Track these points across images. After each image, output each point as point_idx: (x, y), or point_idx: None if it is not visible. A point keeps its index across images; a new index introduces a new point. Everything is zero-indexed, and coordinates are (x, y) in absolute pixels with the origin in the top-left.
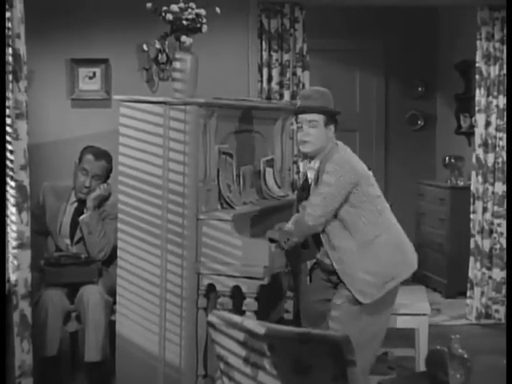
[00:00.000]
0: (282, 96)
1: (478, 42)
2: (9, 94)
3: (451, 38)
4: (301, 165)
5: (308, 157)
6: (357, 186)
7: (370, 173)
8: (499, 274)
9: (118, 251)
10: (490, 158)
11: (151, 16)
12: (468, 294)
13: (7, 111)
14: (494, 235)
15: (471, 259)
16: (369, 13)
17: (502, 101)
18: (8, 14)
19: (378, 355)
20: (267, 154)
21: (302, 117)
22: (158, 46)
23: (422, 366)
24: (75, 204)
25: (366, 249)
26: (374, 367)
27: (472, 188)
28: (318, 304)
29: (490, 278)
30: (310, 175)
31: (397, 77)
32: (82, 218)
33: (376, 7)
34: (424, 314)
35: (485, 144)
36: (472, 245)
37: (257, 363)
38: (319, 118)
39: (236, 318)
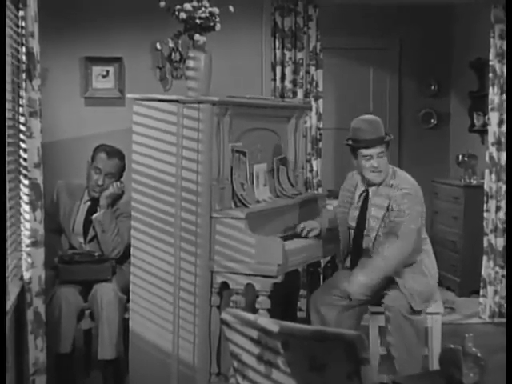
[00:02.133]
0: (295, 94)
1: (491, 40)
2: (22, 93)
3: (466, 36)
4: (314, 163)
5: (373, 184)
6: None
7: None
8: None
9: (132, 249)
10: (504, 156)
11: (164, 15)
12: (481, 292)
13: (21, 109)
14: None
15: (484, 258)
16: (383, 11)
17: (506, 99)
18: (22, 13)
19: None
20: (281, 152)
21: (370, 150)
22: (171, 44)
23: (435, 365)
24: (89, 202)
25: (414, 267)
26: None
27: (485, 186)
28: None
29: (503, 276)
30: (377, 201)
31: (410, 75)
32: (95, 216)
33: (391, 5)
34: (437, 313)
35: (498, 142)
36: (485, 243)
37: (270, 361)
38: (383, 149)
39: (249, 316)
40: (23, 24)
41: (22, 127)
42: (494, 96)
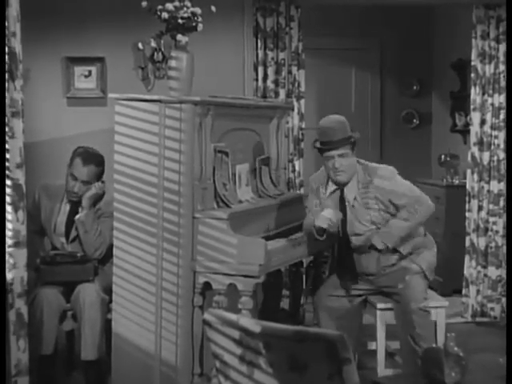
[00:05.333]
0: (277, 94)
1: (473, 41)
2: (5, 93)
3: (447, 37)
4: (296, 163)
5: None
6: None
7: None
8: (494, 272)
9: (114, 250)
10: (486, 156)
11: (147, 14)
12: (463, 292)
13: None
14: (490, 233)
15: (466, 257)
16: (365, 11)
17: (497, 99)
18: None
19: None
20: (263, 152)
21: (332, 152)
22: (153, 44)
23: None
24: (70, 203)
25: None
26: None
27: (467, 186)
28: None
29: (485, 276)
30: (349, 197)
31: (392, 75)
32: (77, 216)
33: (372, 6)
34: (441, 307)
35: (480, 142)
36: (467, 243)
37: (252, 361)
38: (347, 149)
39: (231, 316)
40: (5, 24)
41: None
42: (476, 96)
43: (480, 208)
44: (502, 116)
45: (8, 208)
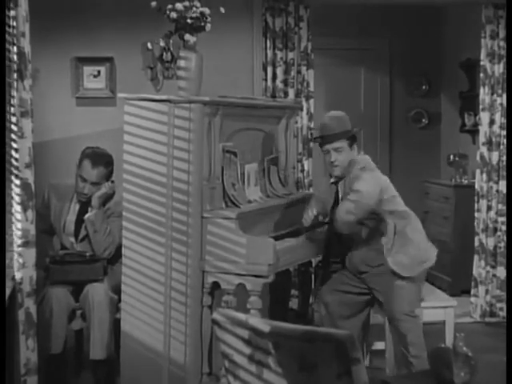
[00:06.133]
0: (286, 94)
1: (482, 41)
2: (14, 93)
3: (456, 37)
4: (305, 163)
5: (337, 178)
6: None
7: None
8: (503, 272)
9: (123, 249)
10: (495, 156)
11: (156, 14)
12: (472, 292)
13: (12, 109)
14: (499, 233)
15: (475, 257)
16: (373, 11)
17: (505, 99)
18: (13, 13)
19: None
20: (272, 152)
21: (326, 146)
22: (162, 44)
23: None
24: (79, 202)
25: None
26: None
27: (476, 186)
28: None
29: (494, 276)
30: (341, 191)
31: (401, 75)
32: (87, 216)
33: (381, 6)
34: (450, 306)
35: (489, 142)
36: (476, 243)
37: (262, 361)
38: (343, 144)
39: (240, 316)
40: (14, 24)
41: (13, 127)
42: (485, 96)
43: (489, 208)
44: None
45: (17, 207)
